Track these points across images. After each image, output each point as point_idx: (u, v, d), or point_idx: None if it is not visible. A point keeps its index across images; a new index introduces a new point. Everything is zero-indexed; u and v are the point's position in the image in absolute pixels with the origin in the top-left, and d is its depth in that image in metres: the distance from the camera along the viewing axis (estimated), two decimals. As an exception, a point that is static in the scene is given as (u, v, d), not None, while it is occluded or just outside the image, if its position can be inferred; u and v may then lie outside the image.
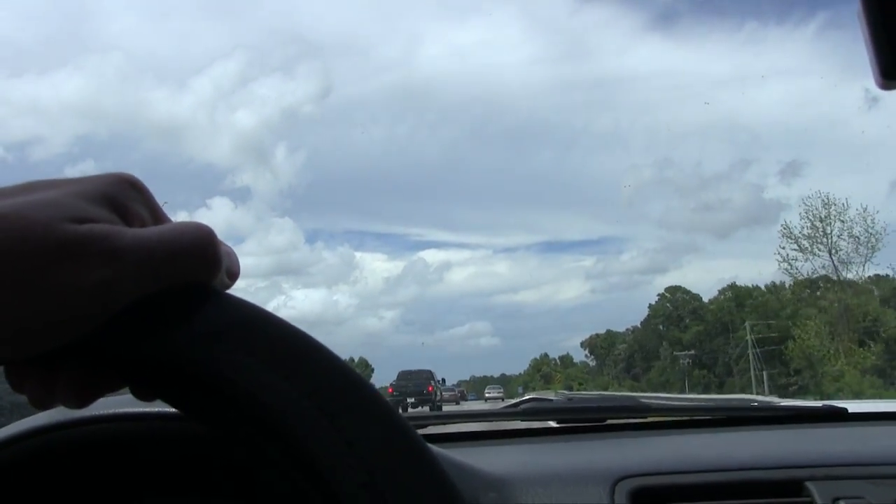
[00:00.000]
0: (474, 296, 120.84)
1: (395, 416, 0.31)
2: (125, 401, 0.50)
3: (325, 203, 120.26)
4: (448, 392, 40.70)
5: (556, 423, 1.35)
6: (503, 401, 45.19)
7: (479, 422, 1.36)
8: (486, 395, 59.47)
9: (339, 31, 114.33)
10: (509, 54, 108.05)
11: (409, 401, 26.66)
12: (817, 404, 1.32)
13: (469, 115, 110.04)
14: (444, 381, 37.78)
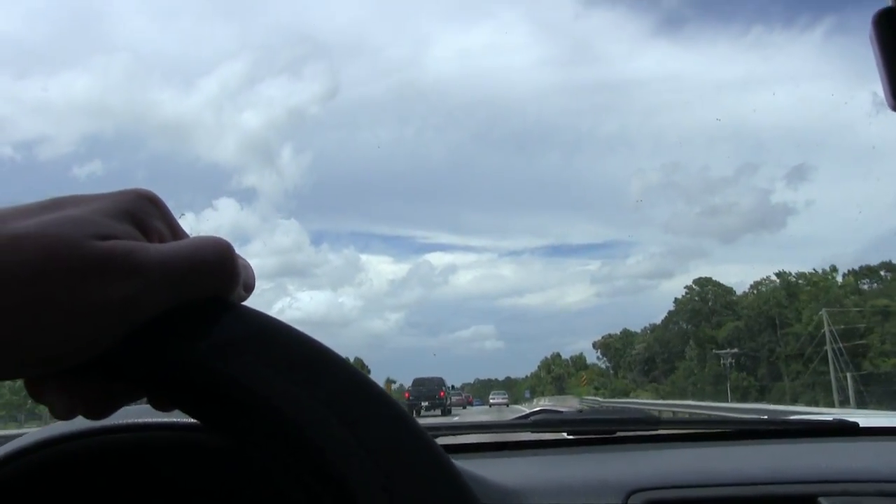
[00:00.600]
0: (479, 299, 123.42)
1: (412, 424, 0.31)
2: (143, 411, 0.50)
3: (331, 205, 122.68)
4: (456, 397, 44.92)
5: (566, 435, 1.35)
6: (507, 406, 45.48)
7: (489, 433, 1.36)
8: (491, 401, 57.82)
9: (346, 32, 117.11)
10: (516, 57, 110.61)
11: (423, 404, 29.68)
12: (828, 418, 1.34)
13: (475, 118, 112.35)
14: (454, 387, 43.16)
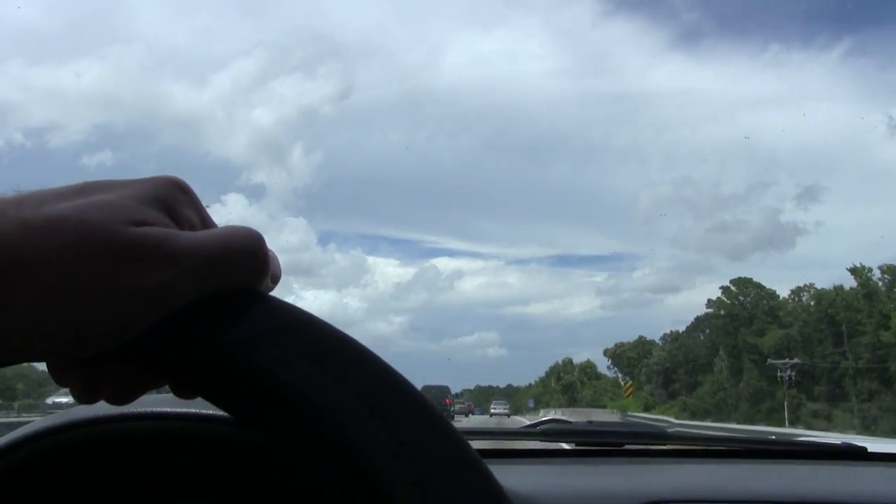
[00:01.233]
0: (484, 305, 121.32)
1: (442, 420, 0.31)
2: (166, 399, 0.49)
3: (340, 205, 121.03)
4: (460, 405, 47.65)
5: (573, 445, 1.36)
6: (509, 417, 45.07)
7: (498, 440, 1.36)
8: (492, 411, 56.44)
9: (362, 33, 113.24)
10: (531, 65, 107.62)
11: None
12: (836, 441, 1.33)
13: (488, 125, 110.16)
14: (458, 395, 48.45)
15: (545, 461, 1.12)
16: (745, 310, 52.52)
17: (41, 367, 0.31)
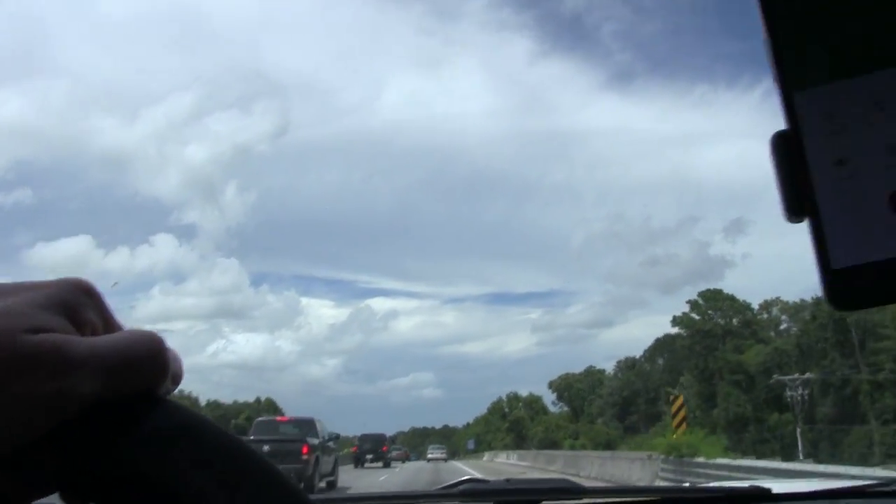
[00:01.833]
0: (420, 346, 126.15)
1: None
2: None
3: (274, 245, 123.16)
4: (396, 451, 49.05)
5: None
6: (446, 461, 47.54)
7: (418, 502, 1.40)
8: (429, 456, 55.15)
9: (300, 71, 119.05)
10: (467, 104, 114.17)
11: (368, 457, 35.40)
12: (744, 485, 1.46)
13: (424, 164, 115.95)
14: (394, 442, 55.03)
15: None
16: (717, 325, 46.00)
17: None
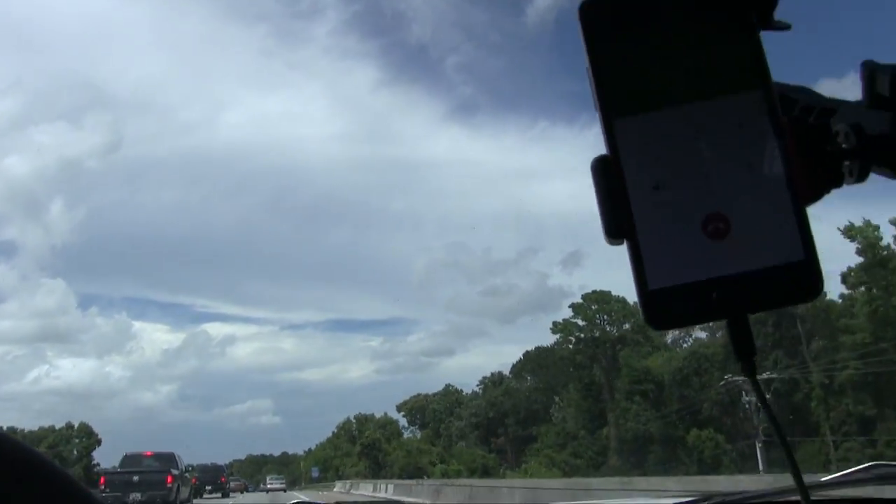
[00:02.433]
0: (258, 372, 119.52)
1: None
2: None
3: (105, 266, 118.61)
4: (235, 482, 49.38)
5: None
6: (285, 492, 47.49)
7: None
8: (268, 486, 54.47)
9: (136, 85, 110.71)
10: (311, 128, 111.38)
11: (207, 488, 34.11)
12: None
13: (265, 187, 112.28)
14: (232, 474, 53.98)
15: None
16: (606, 332, 40.55)
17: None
